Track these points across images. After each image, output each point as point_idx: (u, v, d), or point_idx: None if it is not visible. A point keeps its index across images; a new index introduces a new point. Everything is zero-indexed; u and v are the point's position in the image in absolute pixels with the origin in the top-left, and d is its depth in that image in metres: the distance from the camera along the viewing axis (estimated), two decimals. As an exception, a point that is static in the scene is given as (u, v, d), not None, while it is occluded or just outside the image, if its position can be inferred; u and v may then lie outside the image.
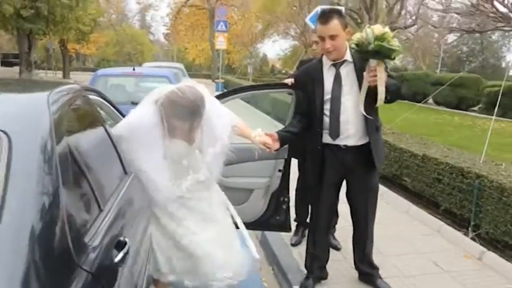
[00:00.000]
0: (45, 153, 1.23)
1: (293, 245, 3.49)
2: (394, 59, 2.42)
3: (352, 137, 2.59)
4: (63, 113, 1.54)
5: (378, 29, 2.38)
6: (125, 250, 1.49)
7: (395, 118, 6.68)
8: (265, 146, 2.55)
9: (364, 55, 2.43)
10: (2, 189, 1.04)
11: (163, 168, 2.33)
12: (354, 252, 2.92)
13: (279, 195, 3.04)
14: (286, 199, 3.07)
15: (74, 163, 1.43)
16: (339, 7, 14.05)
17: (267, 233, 3.65)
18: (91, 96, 2.17)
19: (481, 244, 3.39)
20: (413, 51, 38.49)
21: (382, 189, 5.01)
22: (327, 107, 2.59)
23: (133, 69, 5.95)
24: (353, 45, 2.48)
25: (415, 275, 3.02)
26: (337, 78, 2.55)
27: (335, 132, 2.57)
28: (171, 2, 37.15)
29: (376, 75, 2.39)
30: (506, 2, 4.47)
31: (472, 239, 3.49)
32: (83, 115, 1.90)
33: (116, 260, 1.40)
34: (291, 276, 3.02)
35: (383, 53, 2.36)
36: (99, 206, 1.55)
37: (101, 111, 2.41)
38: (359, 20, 18.25)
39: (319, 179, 2.71)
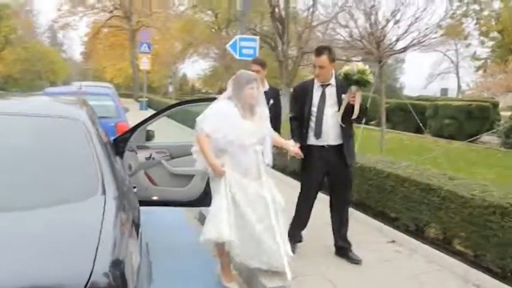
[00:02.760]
0: (95, 127, 2.37)
1: None
2: (366, 87, 3.48)
3: (331, 138, 3.51)
4: (87, 111, 2.67)
5: (361, 66, 3.40)
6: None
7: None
8: (297, 155, 3.36)
9: (348, 82, 3.38)
10: (93, 143, 2.15)
11: (245, 138, 3.01)
12: (334, 234, 3.73)
13: None
14: None
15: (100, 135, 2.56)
16: (256, 35, 15.60)
17: (203, 209, 4.82)
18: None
19: (354, 208, 4.95)
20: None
21: (293, 183, 6.50)
22: (313, 115, 3.51)
23: (80, 88, 6.80)
24: (342, 74, 3.38)
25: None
26: (323, 96, 3.53)
27: (318, 134, 3.50)
28: (90, 22, 36.63)
29: (354, 97, 3.37)
30: (370, 39, 6.29)
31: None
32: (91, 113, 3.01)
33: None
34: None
35: (362, 83, 3.36)
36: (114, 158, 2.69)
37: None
38: (273, 44, 20.16)
39: (307, 170, 3.60)
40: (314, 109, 3.53)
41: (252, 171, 3.09)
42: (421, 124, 11.28)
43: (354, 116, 3.41)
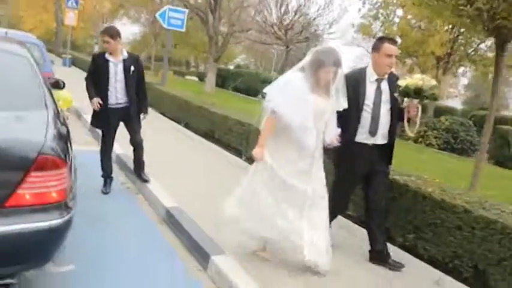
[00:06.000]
0: (36, 63, 3.04)
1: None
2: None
3: (380, 137, 3.22)
4: (28, 51, 3.31)
5: (433, 81, 3.09)
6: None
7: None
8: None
9: (414, 96, 3.03)
10: (38, 74, 2.85)
11: (311, 117, 2.80)
12: (371, 232, 3.36)
13: None
14: None
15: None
16: (187, 7, 15.88)
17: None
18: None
19: (248, 162, 6.03)
20: (253, 52, 42.95)
21: (200, 140, 7.46)
22: (367, 110, 3.18)
23: (6, 34, 6.94)
24: (408, 87, 3.01)
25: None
26: (379, 91, 3.22)
27: (374, 131, 3.19)
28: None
29: (416, 111, 3.11)
30: (280, 26, 7.29)
31: (244, 160, 6.12)
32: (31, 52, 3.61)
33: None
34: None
35: (431, 98, 3.10)
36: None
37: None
38: (204, 18, 20.52)
39: (349, 170, 3.26)
40: (369, 103, 3.22)
41: (309, 150, 2.90)
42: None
43: (417, 127, 3.25)
